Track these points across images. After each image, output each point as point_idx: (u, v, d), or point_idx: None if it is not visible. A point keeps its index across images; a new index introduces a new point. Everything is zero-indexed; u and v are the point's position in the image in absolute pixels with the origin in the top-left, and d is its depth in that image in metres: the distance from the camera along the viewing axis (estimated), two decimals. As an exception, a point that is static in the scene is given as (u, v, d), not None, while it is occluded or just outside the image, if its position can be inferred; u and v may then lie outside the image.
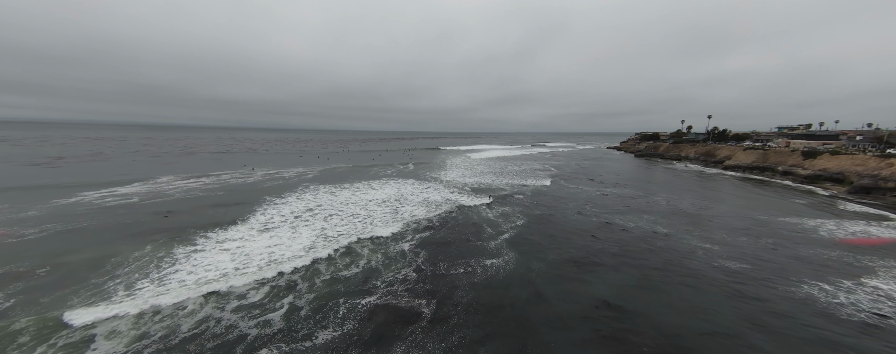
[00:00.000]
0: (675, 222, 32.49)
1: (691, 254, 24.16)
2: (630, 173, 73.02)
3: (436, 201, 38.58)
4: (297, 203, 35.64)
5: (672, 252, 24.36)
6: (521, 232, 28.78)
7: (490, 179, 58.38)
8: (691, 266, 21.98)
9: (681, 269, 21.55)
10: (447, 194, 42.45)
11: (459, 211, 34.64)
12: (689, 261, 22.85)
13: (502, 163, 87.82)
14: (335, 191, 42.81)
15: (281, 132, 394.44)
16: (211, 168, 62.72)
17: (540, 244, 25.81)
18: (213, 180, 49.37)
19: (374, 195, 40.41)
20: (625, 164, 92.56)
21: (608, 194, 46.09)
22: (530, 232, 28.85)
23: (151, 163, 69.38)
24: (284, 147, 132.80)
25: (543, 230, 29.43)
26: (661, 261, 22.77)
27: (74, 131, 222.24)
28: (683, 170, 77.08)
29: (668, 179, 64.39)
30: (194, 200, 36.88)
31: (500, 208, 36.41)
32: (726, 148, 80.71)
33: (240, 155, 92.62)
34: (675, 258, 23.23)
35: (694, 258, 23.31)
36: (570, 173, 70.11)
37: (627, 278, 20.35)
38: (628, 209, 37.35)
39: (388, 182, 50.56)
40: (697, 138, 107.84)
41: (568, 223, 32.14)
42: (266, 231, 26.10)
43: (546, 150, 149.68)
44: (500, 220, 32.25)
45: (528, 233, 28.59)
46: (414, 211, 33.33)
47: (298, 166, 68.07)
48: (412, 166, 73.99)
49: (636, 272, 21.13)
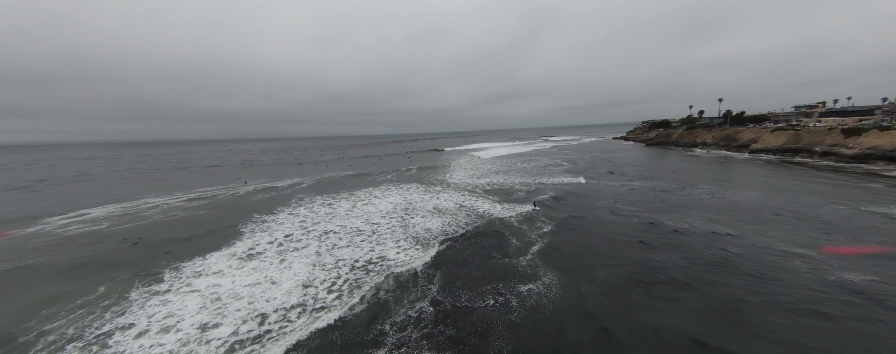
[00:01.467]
0: (734, 219, 27.61)
1: (786, 263, 19.20)
2: (649, 163, 68.17)
3: (447, 208, 33.92)
4: (289, 220, 31.05)
5: (758, 262, 19.36)
6: (553, 242, 24.12)
7: (501, 178, 53.71)
8: (800, 284, 16.78)
9: (787, 288, 16.42)
10: (458, 199, 37.80)
11: (476, 219, 29.99)
12: (792, 275, 17.64)
13: (510, 160, 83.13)
14: (333, 203, 38.22)
15: (279, 142, 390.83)
16: (200, 183, 58.28)
17: (582, 257, 21.13)
18: (199, 196, 44.85)
19: (377, 206, 35.78)
20: (639, 154, 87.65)
21: (637, 189, 41.32)
22: (564, 241, 24.18)
23: (137, 181, 65.00)
24: (281, 157, 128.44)
25: (579, 238, 24.75)
26: (749, 275, 17.87)
27: (70, 152, 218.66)
28: (706, 156, 72.21)
29: (694, 167, 59.54)
30: (173, 222, 32.34)
31: (520, 212, 31.74)
32: (749, 131, 75.69)
33: (234, 168, 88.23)
34: (767, 272, 18.20)
35: (796, 272, 18.04)
36: (585, 166, 65.35)
37: (713, 302, 15.62)
38: (668, 206, 32.60)
39: (392, 189, 45.94)
40: (712, 122, 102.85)
41: (604, 226, 27.45)
42: (250, 260, 21.49)
43: (552, 144, 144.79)
44: (524, 227, 27.60)
45: (562, 242, 23.92)
46: (425, 223, 28.66)
47: (294, 177, 63.53)
48: (415, 170, 69.43)
49: (722, 292, 16.37)
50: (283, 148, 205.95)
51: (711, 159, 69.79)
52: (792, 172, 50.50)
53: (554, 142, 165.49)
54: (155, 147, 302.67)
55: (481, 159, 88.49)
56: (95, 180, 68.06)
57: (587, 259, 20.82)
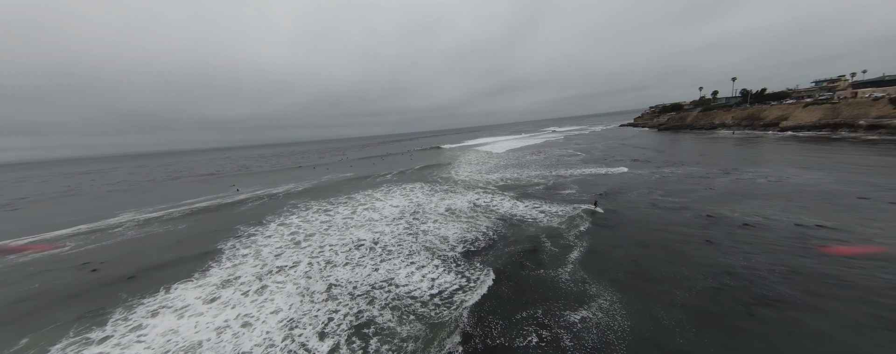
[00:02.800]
0: (814, 206, 22.88)
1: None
2: (671, 148, 63.35)
3: (461, 209, 29.43)
4: (279, 233, 26.68)
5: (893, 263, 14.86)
6: (595, 245, 19.65)
7: (513, 173, 49.16)
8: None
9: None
10: (472, 198, 33.32)
11: (498, 221, 25.51)
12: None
13: (518, 153, 78.48)
14: (330, 209, 33.84)
15: (278, 147, 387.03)
16: (190, 194, 54.01)
17: (640, 266, 16.62)
18: (184, 209, 40.55)
19: (380, 211, 31.33)
20: (655, 139, 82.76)
21: (671, 176, 36.68)
22: (609, 243, 19.69)
23: (124, 195, 60.88)
24: (280, 162, 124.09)
25: (627, 238, 20.25)
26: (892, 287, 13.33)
27: (66, 167, 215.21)
28: (732, 137, 67.38)
29: (724, 149, 54.74)
30: (145, 242, 28.03)
31: (548, 209, 27.23)
32: (776, 108, 70.65)
33: (229, 176, 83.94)
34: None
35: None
36: (602, 155, 60.64)
37: (861, 327, 11.11)
38: (719, 194, 27.99)
39: (395, 191, 41.50)
40: (729, 102, 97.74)
41: (651, 221, 22.93)
42: (224, 289, 17.11)
43: (558, 135, 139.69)
44: (557, 227, 23.10)
45: (607, 246, 19.43)
46: (439, 229, 24.19)
47: (289, 182, 59.16)
48: (419, 168, 64.92)
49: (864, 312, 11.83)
50: (281, 153, 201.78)
51: (739, 139, 64.90)
52: (841, 148, 45.70)
53: (559, 133, 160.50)
54: (153, 158, 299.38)
55: (488, 154, 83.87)
56: (80, 196, 63.99)
57: (649, 269, 16.32)
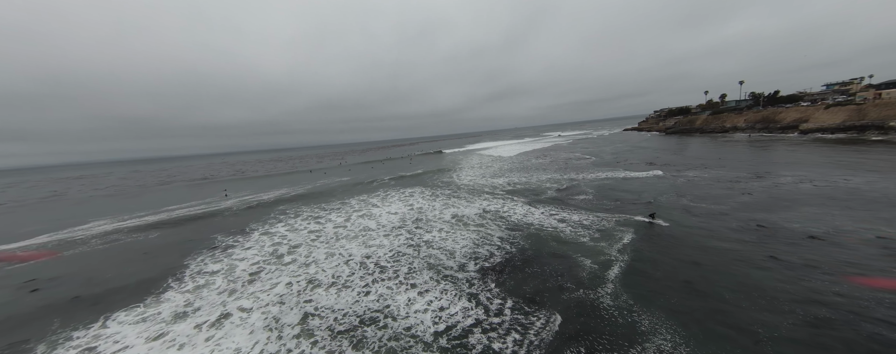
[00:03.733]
0: (884, 214, 19.61)
1: None
2: (686, 151, 60.15)
3: (469, 217, 26.04)
4: (260, 244, 23.27)
5: None
6: (633, 260, 16.30)
7: (521, 177, 45.88)
8: None
9: None
10: (481, 205, 29.96)
11: (510, 230, 22.15)
12: None
13: (523, 157, 75.32)
14: (322, 216, 30.46)
15: (276, 152, 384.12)
16: (176, 200, 50.61)
17: (697, 290, 13.24)
18: (162, 216, 37.15)
19: (378, 219, 27.94)
20: (665, 143, 79.66)
21: (697, 180, 33.40)
22: (649, 258, 16.33)
23: (107, 200, 57.49)
24: (276, 166, 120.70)
25: (669, 252, 16.89)
26: None
27: (61, 173, 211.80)
28: (749, 140, 64.32)
29: (745, 152, 51.51)
30: (107, 255, 24.60)
31: (568, 217, 23.88)
32: (794, 110, 67.69)
33: (221, 180, 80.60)
34: None
35: None
36: (613, 159, 57.44)
37: None
38: (760, 200, 24.67)
39: (395, 196, 38.17)
40: (739, 105, 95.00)
41: (691, 231, 19.60)
42: (178, 322, 13.67)
43: (561, 140, 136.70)
44: (581, 237, 19.75)
45: (648, 261, 16.07)
46: (444, 241, 20.77)
47: (283, 187, 55.84)
48: (420, 172, 61.64)
49: None
50: (280, 158, 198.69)
51: (757, 142, 61.79)
52: (879, 150, 42.57)
53: (563, 137, 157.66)
54: (150, 164, 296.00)
55: (491, 158, 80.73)
56: (61, 202, 60.60)
57: (709, 294, 12.92)
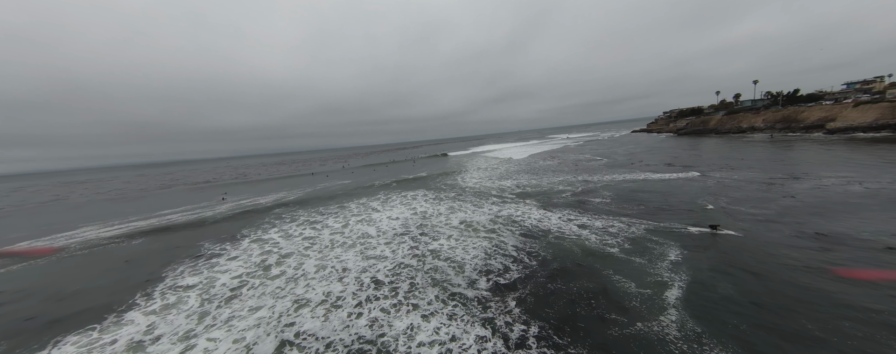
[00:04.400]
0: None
1: None
2: (703, 152, 57.12)
3: (480, 223, 23.53)
4: (249, 252, 20.99)
5: None
6: (682, 275, 13.66)
7: (530, 179, 43.31)
8: None
9: None
10: (491, 210, 27.47)
11: (526, 238, 19.60)
12: None
13: (531, 159, 72.67)
14: (320, 220, 28.16)
15: (281, 156, 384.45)
16: (172, 204, 48.76)
17: (770, 312, 10.67)
18: (153, 221, 35.14)
19: (379, 224, 25.56)
20: (679, 144, 76.54)
21: (728, 182, 30.60)
22: (702, 273, 13.69)
23: (104, 205, 55.88)
24: (279, 169, 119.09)
25: (723, 265, 14.23)
26: None
27: (68, 177, 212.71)
28: (772, 140, 61.15)
29: (772, 152, 48.43)
30: (84, 264, 22.47)
31: (590, 223, 21.28)
32: (817, 109, 64.40)
33: (223, 184, 78.90)
34: None
35: None
36: (627, 160, 54.64)
37: None
38: (809, 204, 21.89)
39: (399, 200, 35.82)
40: (756, 105, 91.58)
41: (742, 240, 16.90)
42: (130, 352, 11.32)
43: (569, 142, 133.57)
44: (611, 247, 17.14)
45: (702, 277, 13.45)
46: (451, 250, 18.29)
47: (282, 190, 53.82)
48: (425, 175, 59.28)
49: None
50: (283, 161, 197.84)
51: (781, 142, 58.64)
52: None
53: (569, 139, 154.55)
54: (156, 168, 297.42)
55: (498, 160, 78.20)
56: (58, 207, 59.11)
57: (787, 319, 10.31)
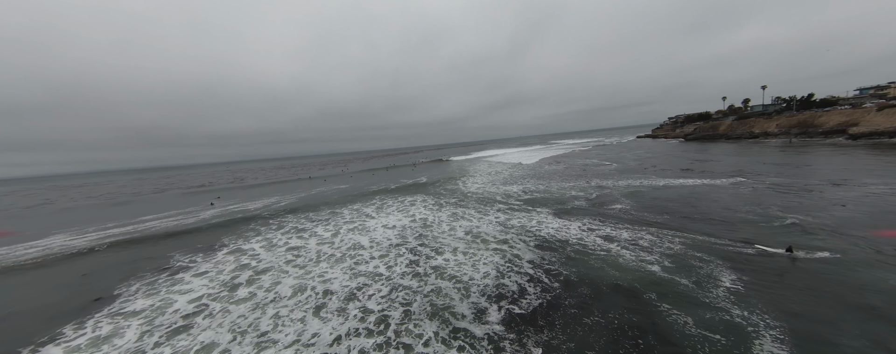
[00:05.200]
0: None
1: None
2: (719, 157, 54.22)
3: (485, 232, 20.69)
4: (220, 268, 18.17)
5: None
6: (761, 305, 10.75)
7: (538, 184, 40.53)
8: None
9: None
10: (498, 218, 24.64)
11: (544, 252, 16.74)
12: None
13: (536, 164, 69.86)
14: (308, 228, 25.36)
15: (281, 160, 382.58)
16: (157, 209, 46.11)
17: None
18: (129, 229, 32.41)
19: (374, 233, 22.75)
20: (691, 149, 73.70)
21: (761, 188, 27.75)
22: (786, 303, 10.78)
23: (90, 210, 53.26)
24: (277, 174, 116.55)
25: (807, 292, 11.33)
26: None
27: (66, 181, 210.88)
28: (790, 145, 58.39)
29: (797, 158, 45.49)
30: (34, 280, 19.70)
31: (613, 233, 18.41)
32: (836, 113, 61.70)
33: (218, 188, 76.21)
34: None
35: None
36: (638, 165, 51.85)
37: None
38: (868, 214, 19.03)
39: (397, 205, 33.05)
40: (767, 110, 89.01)
41: (812, 261, 14.02)
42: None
43: (573, 148, 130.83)
44: (649, 263, 14.25)
45: (787, 307, 10.52)
46: (457, 266, 15.44)
47: (275, 195, 51.16)
48: (425, 180, 56.52)
49: None
50: (283, 166, 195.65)
51: (801, 147, 55.86)
52: None
53: (574, 144, 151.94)
54: (156, 172, 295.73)
55: (502, 164, 75.48)
56: (42, 211, 56.54)
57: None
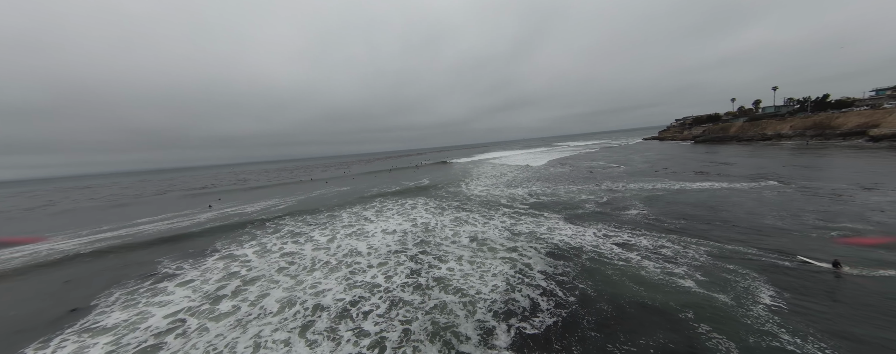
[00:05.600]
0: None
1: None
2: (733, 159, 52.30)
3: (492, 239, 19.23)
4: (207, 276, 16.89)
5: None
6: (821, 334, 9.19)
7: (544, 187, 39.02)
8: None
9: None
10: (504, 223, 23.17)
11: (555, 257, 15.25)
12: None
13: (542, 167, 68.23)
14: (305, 233, 24.07)
15: (285, 162, 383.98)
16: (154, 212, 45.20)
17: None
18: (122, 232, 31.35)
19: (373, 239, 21.39)
20: (699, 152, 71.72)
21: (787, 192, 26.08)
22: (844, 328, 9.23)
23: (90, 212, 52.55)
24: (280, 176, 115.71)
25: (872, 315, 9.76)
26: None
27: (72, 183, 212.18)
28: (807, 147, 56.51)
29: (818, 161, 43.61)
30: (18, 286, 18.52)
31: (632, 241, 16.86)
32: (855, 114, 59.64)
33: (219, 190, 75.38)
34: None
35: None
36: (648, 167, 50.13)
37: None
38: (912, 220, 17.37)
39: (398, 209, 31.69)
40: (779, 111, 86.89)
41: (865, 278, 12.41)
42: None
43: (578, 150, 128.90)
44: (679, 277, 12.69)
45: (853, 334, 8.97)
46: (463, 278, 14.01)
47: (275, 197, 50.08)
48: (427, 183, 55.18)
49: None
50: (286, 167, 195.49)
51: (819, 149, 53.91)
52: None
53: (578, 146, 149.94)
54: (161, 174, 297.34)
55: (506, 166, 73.97)
56: (42, 212, 55.90)
57: None
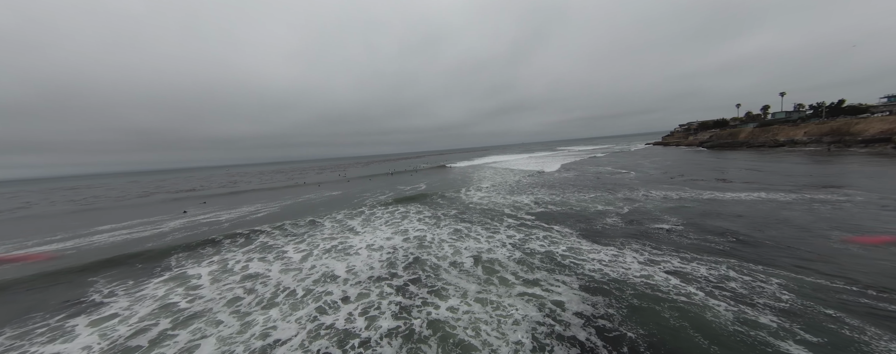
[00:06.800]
0: None
1: None
2: (752, 166, 49.10)
3: (500, 261, 15.56)
4: (138, 308, 13.18)
5: None
6: None
7: (552, 194, 35.49)
8: None
9: None
10: (510, 237, 19.54)
11: (592, 291, 11.64)
12: None
13: (547, 172, 64.76)
14: (277, 248, 20.36)
15: (282, 164, 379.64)
16: (120, 218, 41.44)
17: None
18: (70, 244, 27.51)
19: (354, 259, 17.70)
20: (710, 158, 68.51)
21: (835, 204, 22.64)
22: None
23: (56, 217, 48.65)
24: (273, 178, 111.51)
25: None
26: None
27: (62, 183, 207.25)
28: (829, 153, 53.50)
29: (842, 168, 40.41)
30: None
31: (686, 269, 13.28)
32: (877, 120, 56.60)
33: (206, 194, 71.39)
34: None
35: None
36: (662, 174, 46.78)
37: None
38: None
39: (387, 218, 28.01)
40: (790, 117, 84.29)
41: None
42: None
43: (583, 155, 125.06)
44: (775, 332, 9.07)
45: None
46: (475, 323, 10.35)
47: (258, 202, 46.30)
48: (424, 187, 51.55)
49: None
50: (281, 170, 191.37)
51: (844, 156, 50.81)
52: None
53: (581, 151, 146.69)
54: (153, 175, 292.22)
55: (509, 171, 70.40)
56: (8, 217, 51.91)
57: None
